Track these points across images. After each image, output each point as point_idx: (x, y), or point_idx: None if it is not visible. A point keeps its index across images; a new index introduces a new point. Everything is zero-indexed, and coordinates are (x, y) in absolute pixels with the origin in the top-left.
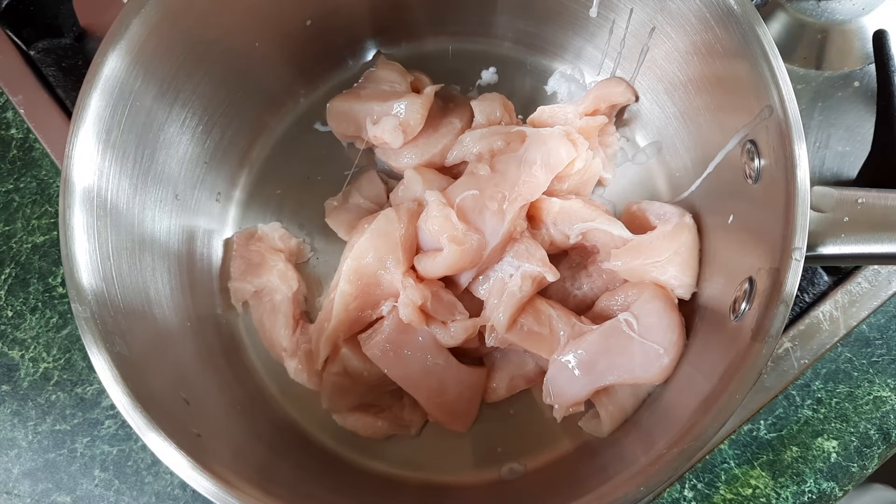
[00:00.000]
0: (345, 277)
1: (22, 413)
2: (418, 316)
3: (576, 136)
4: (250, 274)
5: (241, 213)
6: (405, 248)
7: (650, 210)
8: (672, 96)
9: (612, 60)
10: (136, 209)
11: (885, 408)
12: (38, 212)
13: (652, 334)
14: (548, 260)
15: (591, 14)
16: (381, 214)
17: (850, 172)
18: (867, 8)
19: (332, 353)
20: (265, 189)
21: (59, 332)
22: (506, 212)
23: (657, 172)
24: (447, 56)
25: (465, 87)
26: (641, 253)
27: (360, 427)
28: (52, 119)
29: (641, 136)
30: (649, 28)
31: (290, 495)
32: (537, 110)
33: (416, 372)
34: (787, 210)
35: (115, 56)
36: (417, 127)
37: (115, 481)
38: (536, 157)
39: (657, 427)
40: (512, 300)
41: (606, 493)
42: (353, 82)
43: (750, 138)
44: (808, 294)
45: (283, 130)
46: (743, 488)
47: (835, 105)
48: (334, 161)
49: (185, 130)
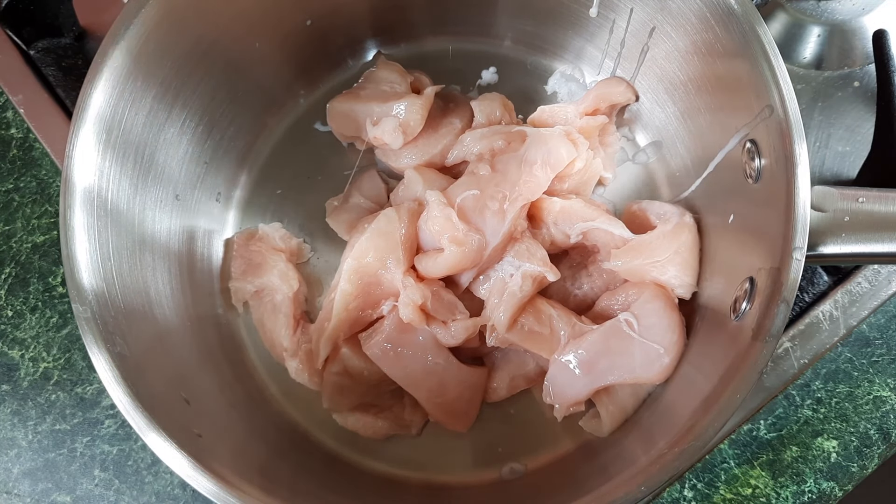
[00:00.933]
0: (345, 277)
1: (22, 413)
2: (418, 315)
3: (576, 136)
4: (251, 274)
5: (241, 213)
6: (406, 248)
7: (650, 210)
8: (672, 96)
9: (612, 60)
10: (136, 209)
11: (885, 407)
12: (38, 211)
13: (652, 334)
14: (548, 260)
15: (592, 14)
16: (381, 214)
17: (850, 172)
18: (867, 8)
19: (332, 353)
20: (265, 189)
21: (59, 332)
22: (506, 211)
23: (657, 172)
24: (447, 56)
25: (465, 87)
26: (641, 253)
27: (361, 427)
28: (52, 119)
29: (642, 136)
30: (649, 28)
31: (290, 495)
32: (537, 110)
33: (416, 371)
34: (787, 209)
35: (116, 56)
36: (417, 128)
37: (115, 481)
38: (537, 156)
39: (657, 427)
40: (512, 300)
41: (607, 492)
42: (353, 82)
43: (750, 138)
44: (808, 294)
45: (283, 130)
46: (743, 488)
47: (835, 105)
48: (334, 161)
49: (185, 130)
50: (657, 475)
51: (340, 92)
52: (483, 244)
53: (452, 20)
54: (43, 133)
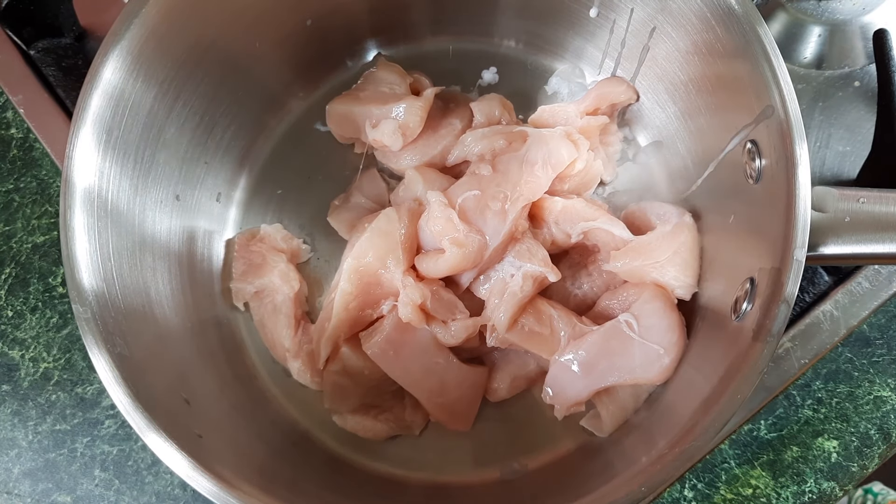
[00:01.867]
0: (345, 276)
1: (22, 413)
2: (418, 315)
3: (577, 136)
4: (251, 274)
5: (241, 214)
6: (405, 248)
7: (650, 210)
8: (673, 96)
9: (612, 60)
10: (136, 210)
11: (886, 407)
12: (38, 212)
13: (652, 335)
14: (549, 260)
15: (592, 14)
16: (381, 214)
17: (850, 172)
18: (867, 7)
19: (332, 353)
20: (265, 189)
21: (59, 332)
22: (508, 212)
23: (658, 172)
24: (447, 56)
25: (465, 88)
26: (641, 254)
27: (361, 429)
28: (52, 119)
29: (642, 136)
30: (650, 28)
31: (290, 495)
32: (538, 110)
33: (416, 371)
34: (787, 210)
35: (116, 56)
36: (417, 130)
37: (115, 481)
38: (538, 157)
39: (658, 427)
40: (513, 300)
41: (608, 492)
42: (353, 83)
43: (751, 138)
44: (808, 294)
45: (284, 130)
46: (743, 488)
47: (835, 105)
48: (335, 161)
49: (185, 131)
50: (658, 475)
51: (340, 93)
52: (483, 245)
53: (452, 20)
54: (43, 133)
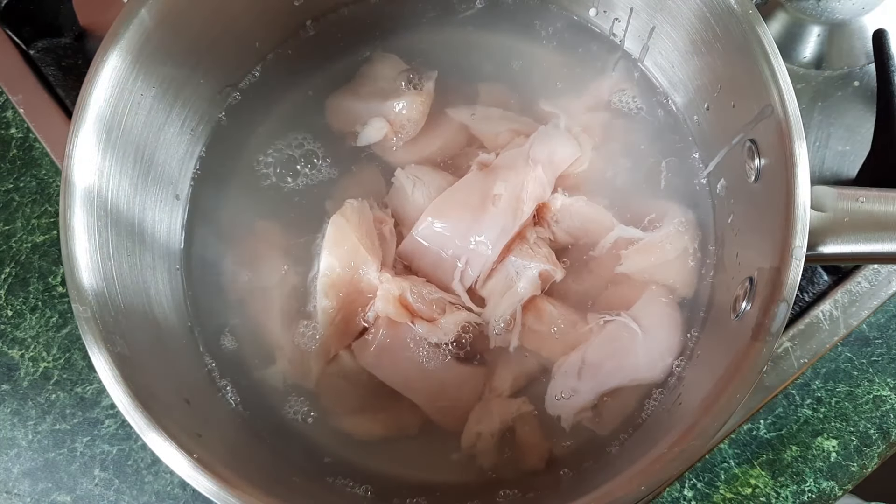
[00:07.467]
0: (321, 293)
1: (22, 412)
2: (398, 308)
3: (580, 133)
4: (248, 272)
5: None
6: (367, 247)
7: (651, 209)
8: (672, 95)
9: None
10: (136, 209)
11: (885, 407)
12: (38, 211)
13: (654, 334)
14: (553, 257)
15: (591, 14)
16: (330, 224)
17: (850, 172)
18: (867, 7)
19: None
20: (265, 188)
21: (59, 332)
22: (517, 212)
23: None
24: (448, 50)
25: (465, 82)
26: (642, 253)
27: (359, 431)
28: (52, 119)
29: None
30: (649, 27)
31: (290, 495)
32: (540, 105)
33: (415, 377)
34: (787, 209)
35: (115, 56)
36: (418, 125)
37: (115, 481)
38: (541, 154)
39: (658, 426)
40: (514, 299)
41: (607, 492)
42: (352, 78)
43: (750, 137)
44: (807, 293)
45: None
46: (743, 487)
47: (835, 104)
48: (334, 158)
49: (184, 130)
50: (658, 475)
51: (339, 88)
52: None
53: (453, 14)
54: (43, 133)
